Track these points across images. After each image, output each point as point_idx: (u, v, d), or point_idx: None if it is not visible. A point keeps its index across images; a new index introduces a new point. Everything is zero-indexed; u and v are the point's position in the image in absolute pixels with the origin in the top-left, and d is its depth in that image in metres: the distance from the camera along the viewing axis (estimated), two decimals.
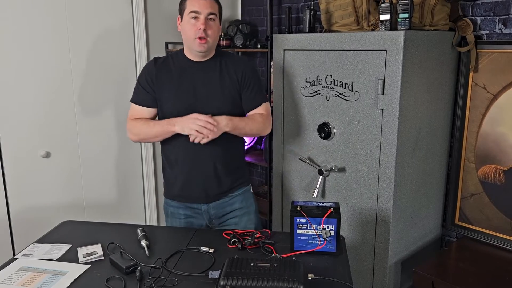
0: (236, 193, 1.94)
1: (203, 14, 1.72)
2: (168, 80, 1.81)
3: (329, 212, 1.50)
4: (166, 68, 1.83)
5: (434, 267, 1.99)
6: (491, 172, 2.13)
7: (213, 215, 1.92)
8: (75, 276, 1.40)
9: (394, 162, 1.95)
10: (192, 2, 1.74)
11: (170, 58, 1.87)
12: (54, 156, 2.64)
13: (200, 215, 1.92)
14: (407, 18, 1.87)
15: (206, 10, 1.73)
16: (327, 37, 2.12)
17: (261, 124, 1.88)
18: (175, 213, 1.94)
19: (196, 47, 1.76)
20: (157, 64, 1.84)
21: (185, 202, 1.91)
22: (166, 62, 1.85)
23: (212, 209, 1.90)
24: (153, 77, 1.83)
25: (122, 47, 2.79)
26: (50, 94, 2.56)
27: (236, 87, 1.84)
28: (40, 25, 2.47)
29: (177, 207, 1.93)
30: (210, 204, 1.90)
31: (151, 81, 1.83)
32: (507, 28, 2.02)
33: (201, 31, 1.72)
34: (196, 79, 1.80)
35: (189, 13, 1.73)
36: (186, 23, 1.76)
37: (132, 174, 2.99)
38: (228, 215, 1.94)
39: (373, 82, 1.97)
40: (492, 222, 2.16)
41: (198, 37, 1.73)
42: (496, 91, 2.07)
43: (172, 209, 1.95)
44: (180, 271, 1.42)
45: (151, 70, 1.84)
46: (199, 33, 1.72)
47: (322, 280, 1.35)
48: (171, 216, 1.95)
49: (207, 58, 1.83)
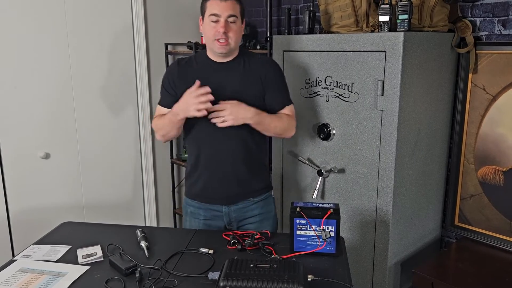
0: (258, 198, 1.91)
1: (223, 16, 1.70)
2: (191, 82, 1.76)
3: (329, 213, 1.50)
4: (188, 70, 1.82)
5: (433, 268, 1.99)
6: (491, 173, 2.14)
7: (233, 218, 1.90)
8: (74, 278, 1.40)
9: (394, 163, 1.95)
10: (212, 4, 1.71)
11: (193, 59, 1.85)
12: (54, 157, 2.64)
13: (220, 217, 1.89)
14: (407, 19, 1.87)
15: (226, 13, 1.70)
16: (327, 38, 2.12)
17: (286, 124, 1.85)
18: (195, 213, 1.91)
19: (217, 48, 1.74)
20: (179, 66, 1.83)
21: (206, 202, 1.88)
22: (189, 63, 1.84)
23: (233, 212, 1.88)
24: (175, 79, 1.82)
25: (122, 48, 2.79)
26: (49, 95, 2.56)
27: (260, 88, 1.81)
28: (40, 26, 2.47)
29: (198, 208, 1.91)
30: (231, 207, 1.88)
31: (173, 83, 1.83)
32: (506, 29, 2.02)
33: (221, 33, 1.70)
34: (219, 81, 1.78)
35: (209, 16, 1.71)
36: (206, 25, 1.74)
37: (132, 175, 2.99)
38: (248, 220, 1.91)
39: (373, 83, 1.97)
40: (491, 223, 2.16)
41: (218, 39, 1.71)
42: (495, 92, 2.07)
43: (192, 209, 1.93)
44: (180, 272, 1.42)
45: (174, 72, 1.84)
46: (219, 36, 1.70)
47: (321, 281, 1.35)
48: (191, 215, 1.93)
49: (230, 58, 1.81)
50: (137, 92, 2.90)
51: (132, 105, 2.90)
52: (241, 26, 1.78)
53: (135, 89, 2.89)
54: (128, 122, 2.90)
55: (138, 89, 2.89)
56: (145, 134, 2.97)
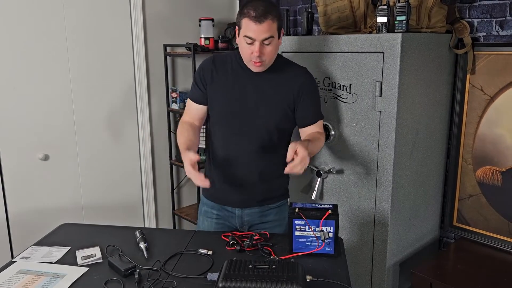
0: (273, 205, 1.89)
1: (258, 40, 1.60)
2: (222, 82, 1.75)
3: (327, 214, 1.50)
4: (222, 69, 1.77)
5: (432, 269, 2.00)
6: (489, 173, 2.14)
7: (245, 222, 1.87)
8: (73, 279, 1.40)
9: (392, 164, 1.96)
10: (247, 25, 1.60)
11: (229, 59, 1.78)
12: (53, 159, 2.64)
13: (233, 219, 1.87)
14: (404, 20, 1.87)
15: (262, 36, 1.59)
16: (325, 40, 2.12)
17: (323, 143, 1.81)
18: (208, 212, 1.90)
19: (252, 68, 1.70)
20: (214, 63, 1.78)
21: (220, 203, 1.87)
22: (224, 61, 1.78)
23: (246, 215, 1.86)
24: (208, 75, 1.77)
25: (121, 49, 2.79)
26: (48, 96, 2.56)
27: (291, 100, 1.75)
28: (38, 28, 2.47)
29: (212, 207, 1.89)
30: (245, 210, 1.86)
31: (204, 79, 1.77)
32: (504, 30, 2.03)
33: (256, 57, 1.63)
34: (249, 86, 1.73)
35: (244, 36, 1.62)
36: (241, 43, 1.66)
37: (131, 177, 2.99)
38: (260, 225, 1.88)
39: (371, 84, 1.98)
40: (490, 223, 2.17)
41: (253, 61, 1.65)
42: (493, 92, 2.07)
43: (206, 208, 1.91)
44: (179, 273, 1.42)
45: (207, 68, 1.78)
46: (254, 59, 1.64)
47: (320, 281, 1.35)
48: (204, 214, 1.91)
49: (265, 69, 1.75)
50: (136, 93, 2.90)
51: (132, 106, 2.90)
52: (278, 42, 1.68)
53: (134, 90, 2.89)
54: (127, 123, 2.91)
55: (137, 90, 2.90)
56: (144, 135, 2.97)
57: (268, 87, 1.74)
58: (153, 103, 2.98)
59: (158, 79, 2.99)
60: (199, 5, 3.08)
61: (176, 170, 3.20)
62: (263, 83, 1.74)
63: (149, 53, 2.91)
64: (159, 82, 2.99)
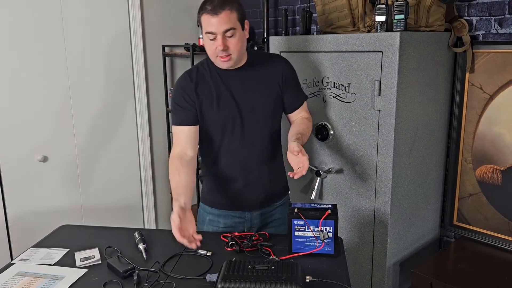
0: (279, 203, 1.88)
1: (219, 33, 1.56)
2: (208, 94, 1.69)
3: (327, 214, 1.50)
4: (202, 82, 1.71)
5: (432, 268, 1.99)
6: (489, 172, 2.14)
7: (254, 224, 1.85)
8: (72, 281, 1.40)
9: (392, 163, 1.95)
10: (205, 20, 1.58)
11: (202, 70, 1.73)
12: (51, 160, 2.64)
13: (241, 224, 1.84)
14: (403, 19, 1.87)
15: (221, 28, 1.55)
16: (323, 39, 2.12)
17: (311, 129, 1.82)
18: (214, 221, 1.85)
19: (220, 65, 1.66)
20: (192, 80, 1.71)
21: (229, 209, 1.83)
22: (200, 74, 1.72)
23: (255, 218, 1.84)
24: (192, 93, 1.69)
25: (119, 50, 2.79)
26: (47, 97, 2.56)
27: (277, 89, 1.75)
28: (37, 29, 2.47)
29: (218, 215, 1.84)
30: (254, 213, 1.83)
31: (190, 99, 1.70)
32: (503, 28, 2.03)
33: (221, 51, 1.59)
34: (234, 88, 1.70)
35: (205, 33, 1.60)
36: (205, 41, 1.63)
37: (130, 178, 2.98)
38: (268, 225, 1.87)
39: (370, 83, 1.97)
40: (490, 222, 2.16)
41: (219, 56, 1.61)
42: (492, 91, 2.07)
43: (211, 217, 1.85)
44: (178, 274, 1.41)
45: (188, 88, 1.70)
46: (219, 53, 1.60)
47: (320, 282, 1.34)
48: (209, 223, 1.86)
49: (241, 65, 1.71)
50: (135, 95, 2.90)
51: (130, 107, 2.90)
52: (243, 34, 1.64)
53: (133, 91, 2.89)
54: (126, 125, 2.90)
55: (136, 92, 2.89)
56: (143, 136, 2.96)
57: (254, 84, 1.73)
58: (152, 104, 2.98)
59: (156, 80, 2.99)
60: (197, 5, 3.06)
61: None
62: (247, 82, 1.72)
63: (148, 54, 2.91)
64: (158, 82, 2.99)
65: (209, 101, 1.70)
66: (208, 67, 1.73)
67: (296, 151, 1.54)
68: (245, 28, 1.65)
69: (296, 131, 1.73)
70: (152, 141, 3.01)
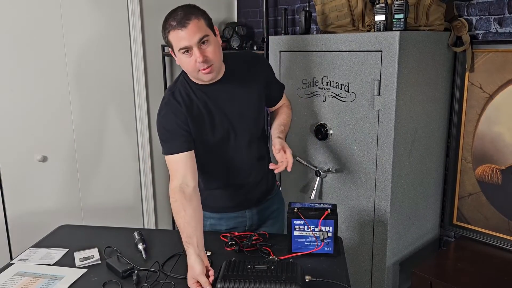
0: (273, 194, 1.90)
1: (193, 45, 1.47)
2: (200, 117, 1.63)
3: (326, 213, 1.50)
4: (190, 104, 1.62)
5: (432, 268, 1.99)
6: (488, 171, 2.13)
7: (255, 220, 1.85)
8: (71, 281, 1.40)
9: (391, 163, 1.95)
10: (175, 37, 1.48)
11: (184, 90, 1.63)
12: (51, 160, 2.63)
13: (243, 223, 1.84)
14: (402, 18, 1.87)
15: (194, 39, 1.46)
16: (323, 38, 2.12)
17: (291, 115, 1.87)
18: (216, 225, 1.84)
19: (204, 77, 1.55)
20: (181, 103, 1.61)
21: (229, 212, 1.82)
22: (185, 96, 1.62)
23: (255, 214, 1.84)
24: (185, 119, 1.60)
25: (118, 50, 2.78)
26: (46, 97, 2.56)
27: (261, 90, 1.74)
28: (36, 29, 2.47)
29: (219, 219, 1.83)
30: (253, 209, 1.83)
31: (184, 124, 1.60)
32: (503, 27, 2.03)
33: (202, 64, 1.49)
34: (223, 103, 1.64)
35: (179, 50, 1.50)
36: (181, 59, 1.53)
37: (130, 178, 2.98)
38: (267, 218, 1.88)
39: (369, 83, 1.97)
40: (490, 221, 2.16)
41: (201, 69, 1.52)
42: (492, 90, 2.07)
43: (212, 221, 1.83)
44: (177, 274, 1.41)
45: (179, 113, 1.60)
46: (201, 66, 1.50)
47: (319, 282, 1.34)
48: (210, 228, 1.84)
49: (220, 76, 1.63)
50: (134, 95, 2.89)
51: (130, 107, 2.90)
52: (217, 40, 1.55)
53: (132, 91, 2.89)
54: (126, 124, 2.90)
55: (135, 92, 2.89)
56: (143, 136, 2.96)
57: (238, 92, 1.67)
58: (151, 104, 2.97)
59: (156, 80, 2.98)
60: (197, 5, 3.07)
61: None
62: (233, 91, 1.66)
63: (147, 54, 2.90)
64: (158, 82, 2.98)
65: (203, 125, 1.64)
66: (189, 85, 1.64)
67: (278, 149, 1.57)
68: (216, 33, 1.57)
69: (278, 123, 1.78)
70: (151, 140, 3.01)
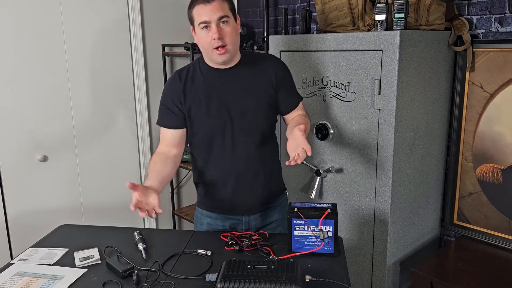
0: (276, 204, 1.86)
1: (213, 21, 1.54)
2: (197, 97, 1.65)
3: (327, 213, 1.49)
4: (192, 82, 1.67)
5: (433, 267, 1.99)
6: (489, 171, 2.13)
7: (252, 226, 1.83)
8: (71, 281, 1.39)
9: (392, 162, 1.95)
10: (198, 11, 1.56)
11: (194, 70, 1.69)
12: (51, 160, 2.63)
13: (239, 226, 1.83)
14: (403, 18, 1.86)
15: (215, 16, 1.54)
16: (323, 38, 2.11)
17: (309, 125, 1.77)
18: (213, 224, 1.83)
19: (217, 58, 1.60)
20: (181, 80, 1.67)
21: (226, 214, 1.81)
22: (190, 75, 1.68)
23: (252, 220, 1.82)
24: (180, 95, 1.66)
25: (119, 50, 2.78)
26: (46, 97, 2.56)
27: (271, 90, 1.70)
28: (36, 28, 2.47)
29: (215, 219, 1.83)
30: (251, 216, 1.81)
31: (178, 101, 1.66)
32: (503, 27, 2.02)
33: (217, 40, 1.55)
34: (227, 89, 1.66)
35: (199, 24, 1.57)
36: (199, 35, 1.59)
37: (130, 177, 2.98)
38: (266, 226, 1.85)
39: (370, 82, 1.97)
40: (490, 221, 2.16)
41: (216, 47, 1.57)
42: (492, 90, 2.06)
43: (209, 220, 1.84)
44: (177, 274, 1.41)
45: (177, 89, 1.66)
46: (215, 43, 1.55)
47: (320, 281, 1.34)
48: (207, 226, 1.84)
49: (234, 63, 1.67)
50: (135, 94, 2.89)
51: (130, 107, 2.90)
52: (236, 25, 1.62)
53: (132, 91, 2.89)
54: (126, 124, 2.90)
55: (135, 91, 2.89)
56: (143, 135, 2.96)
57: (246, 85, 1.68)
58: (151, 103, 2.97)
59: (156, 79, 2.98)
60: None
61: None
62: (239, 84, 1.68)
63: (148, 53, 2.90)
64: (158, 82, 2.98)
65: (197, 106, 1.66)
66: (199, 67, 1.69)
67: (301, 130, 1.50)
68: (237, 22, 1.63)
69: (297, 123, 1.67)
70: (152, 140, 3.01)
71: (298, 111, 1.81)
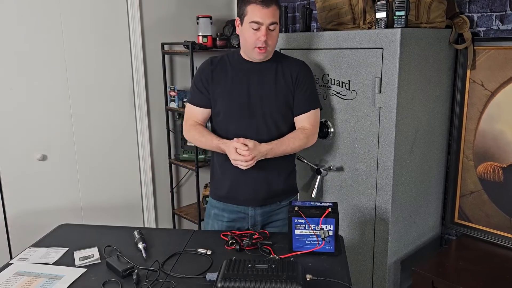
0: (285, 203, 1.89)
1: (265, 24, 1.66)
2: (223, 79, 1.79)
3: (327, 212, 1.49)
4: (221, 68, 1.81)
5: (433, 266, 1.98)
6: (490, 169, 2.13)
7: (258, 221, 1.87)
8: (71, 280, 1.39)
9: (392, 161, 1.94)
10: (254, 10, 1.66)
11: (226, 58, 1.84)
12: (51, 159, 2.62)
13: (245, 220, 1.87)
14: (404, 15, 1.86)
15: (268, 20, 1.66)
16: (323, 36, 2.11)
17: (304, 141, 1.79)
18: (219, 215, 1.88)
19: (255, 55, 1.73)
20: (213, 64, 1.82)
21: (232, 203, 1.86)
22: (221, 61, 1.83)
23: (259, 215, 1.86)
24: (209, 77, 1.80)
25: (118, 48, 2.77)
26: (45, 96, 2.55)
27: (291, 89, 1.80)
28: (36, 27, 2.46)
29: (222, 209, 1.87)
30: (257, 209, 1.85)
31: (206, 82, 1.81)
32: (504, 24, 2.01)
33: (262, 42, 1.68)
34: (251, 80, 1.78)
35: (250, 22, 1.67)
36: (246, 30, 1.70)
37: (130, 176, 2.97)
38: (272, 224, 1.89)
39: (370, 80, 1.96)
40: (491, 219, 2.15)
41: (258, 47, 1.69)
42: (493, 88, 2.06)
43: (216, 211, 1.89)
44: (177, 273, 1.41)
45: (207, 70, 1.81)
46: (260, 44, 1.68)
47: (320, 280, 1.34)
48: (214, 217, 1.90)
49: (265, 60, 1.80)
50: (134, 93, 2.88)
51: (129, 105, 2.89)
52: (278, 31, 1.76)
53: (132, 89, 2.88)
54: (125, 123, 2.89)
55: (135, 90, 2.88)
56: (143, 134, 2.95)
57: (268, 80, 1.79)
58: (151, 102, 2.96)
59: (156, 78, 2.97)
60: (196, 3, 3.06)
61: (176, 169, 3.19)
62: (264, 76, 1.79)
63: (147, 52, 2.89)
64: (157, 80, 2.97)
65: (222, 86, 1.79)
66: (232, 57, 1.83)
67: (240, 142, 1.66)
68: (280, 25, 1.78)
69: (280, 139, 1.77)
70: (151, 139, 3.00)
71: (305, 122, 1.82)
